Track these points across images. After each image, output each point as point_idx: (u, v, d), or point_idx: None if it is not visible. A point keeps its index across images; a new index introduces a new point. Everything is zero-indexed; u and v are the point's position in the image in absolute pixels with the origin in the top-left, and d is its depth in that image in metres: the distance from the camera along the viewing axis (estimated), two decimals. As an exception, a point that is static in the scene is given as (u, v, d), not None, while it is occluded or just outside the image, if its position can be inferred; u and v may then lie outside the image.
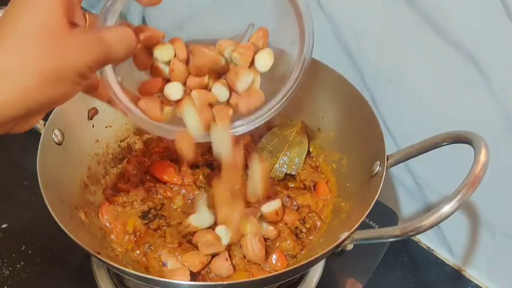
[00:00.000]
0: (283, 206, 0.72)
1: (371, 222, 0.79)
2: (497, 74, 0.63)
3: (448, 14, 0.64)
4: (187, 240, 0.69)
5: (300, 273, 0.70)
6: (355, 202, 0.69)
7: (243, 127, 0.58)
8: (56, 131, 0.70)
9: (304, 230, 0.71)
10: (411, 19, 0.67)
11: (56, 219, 0.58)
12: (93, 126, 0.77)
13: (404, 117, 0.77)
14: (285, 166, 0.79)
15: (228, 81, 0.58)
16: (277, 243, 0.69)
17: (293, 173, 0.79)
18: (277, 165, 0.79)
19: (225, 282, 0.62)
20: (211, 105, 0.59)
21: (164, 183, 0.76)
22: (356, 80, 0.77)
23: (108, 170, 0.78)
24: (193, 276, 0.64)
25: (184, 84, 0.58)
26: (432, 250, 0.84)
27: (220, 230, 0.66)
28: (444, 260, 0.83)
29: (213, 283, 0.61)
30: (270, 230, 0.69)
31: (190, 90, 0.58)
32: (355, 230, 0.58)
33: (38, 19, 0.41)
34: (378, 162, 0.66)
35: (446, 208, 0.51)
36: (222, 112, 0.58)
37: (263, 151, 0.79)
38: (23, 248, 0.77)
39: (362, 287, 0.75)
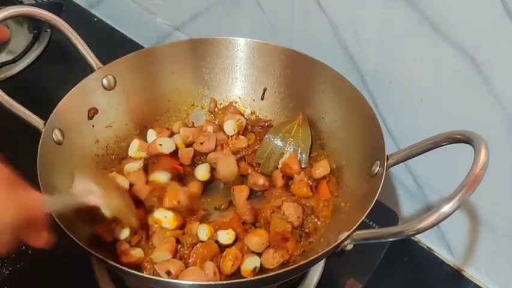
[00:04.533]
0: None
1: (371, 222, 0.79)
2: (497, 74, 0.63)
3: (448, 14, 0.64)
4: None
5: (300, 273, 0.70)
6: (355, 202, 0.69)
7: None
8: (56, 131, 0.70)
9: (306, 230, 0.71)
10: (411, 19, 0.67)
11: (56, 219, 0.58)
12: (93, 126, 0.77)
13: (404, 117, 0.77)
14: None
15: None
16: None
17: (302, 166, 0.79)
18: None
19: (224, 282, 0.62)
20: None
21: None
22: (356, 80, 0.77)
23: (108, 170, 0.78)
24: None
25: None
26: (432, 250, 0.84)
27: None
28: (444, 260, 0.83)
29: (213, 283, 0.61)
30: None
31: None
32: (355, 230, 0.58)
33: None
34: (378, 162, 0.66)
35: (446, 208, 0.51)
36: None
37: (268, 148, 0.80)
38: (23, 248, 0.77)
39: (362, 287, 0.75)
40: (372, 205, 0.60)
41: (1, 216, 0.46)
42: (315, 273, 0.74)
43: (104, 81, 0.78)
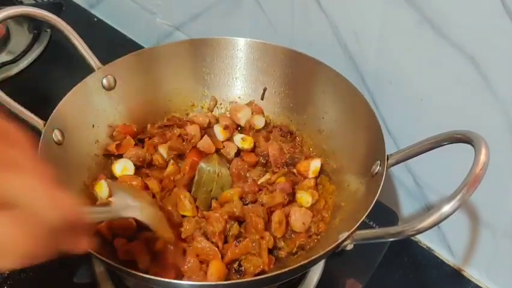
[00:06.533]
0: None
1: (371, 222, 0.79)
2: (497, 74, 0.63)
3: (448, 14, 0.64)
4: None
5: (300, 273, 0.70)
6: (355, 202, 0.69)
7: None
8: (56, 131, 0.70)
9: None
10: (411, 19, 0.67)
11: (56, 219, 0.58)
12: (93, 126, 0.77)
13: (404, 117, 0.77)
14: None
15: None
16: None
17: None
18: None
19: (224, 282, 0.62)
20: None
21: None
22: (356, 80, 0.77)
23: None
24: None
25: None
26: (432, 250, 0.84)
27: None
28: (444, 260, 0.83)
29: (213, 283, 0.61)
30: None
31: None
32: (355, 230, 0.58)
33: None
34: (378, 162, 0.66)
35: (446, 208, 0.51)
36: None
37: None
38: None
39: (362, 287, 0.75)
40: (372, 205, 0.60)
41: (45, 217, 0.41)
42: (315, 273, 0.74)
43: (104, 81, 0.78)
